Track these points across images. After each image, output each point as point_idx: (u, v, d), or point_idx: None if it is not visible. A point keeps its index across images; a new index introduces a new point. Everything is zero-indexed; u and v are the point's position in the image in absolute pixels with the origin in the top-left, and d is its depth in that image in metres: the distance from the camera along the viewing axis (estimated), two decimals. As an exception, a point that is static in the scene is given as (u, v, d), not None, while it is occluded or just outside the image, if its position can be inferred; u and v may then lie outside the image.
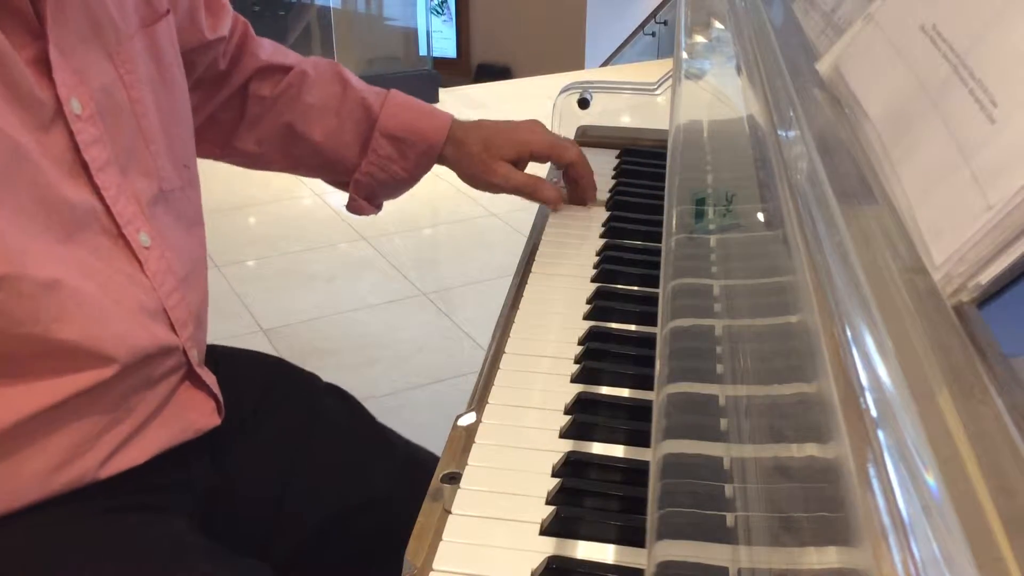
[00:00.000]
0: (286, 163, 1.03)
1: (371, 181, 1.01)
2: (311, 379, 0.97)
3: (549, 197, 1.00)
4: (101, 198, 0.68)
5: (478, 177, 1.00)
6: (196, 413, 0.78)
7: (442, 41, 7.40)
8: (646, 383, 0.65)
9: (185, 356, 0.76)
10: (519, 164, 1.00)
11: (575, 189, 1.03)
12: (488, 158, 0.98)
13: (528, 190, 1.00)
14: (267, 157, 1.01)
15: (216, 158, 1.02)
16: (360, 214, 1.06)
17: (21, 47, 0.63)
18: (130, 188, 0.71)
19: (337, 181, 1.05)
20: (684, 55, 1.01)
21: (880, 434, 0.32)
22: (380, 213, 1.06)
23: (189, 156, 0.83)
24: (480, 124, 1.01)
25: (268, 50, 0.99)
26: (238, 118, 0.98)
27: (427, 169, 1.02)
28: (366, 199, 1.04)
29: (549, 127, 1.25)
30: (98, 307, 0.66)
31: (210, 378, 0.79)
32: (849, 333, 0.37)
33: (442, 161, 1.00)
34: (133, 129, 0.73)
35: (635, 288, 0.86)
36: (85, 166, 0.67)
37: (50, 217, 0.64)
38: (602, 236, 0.97)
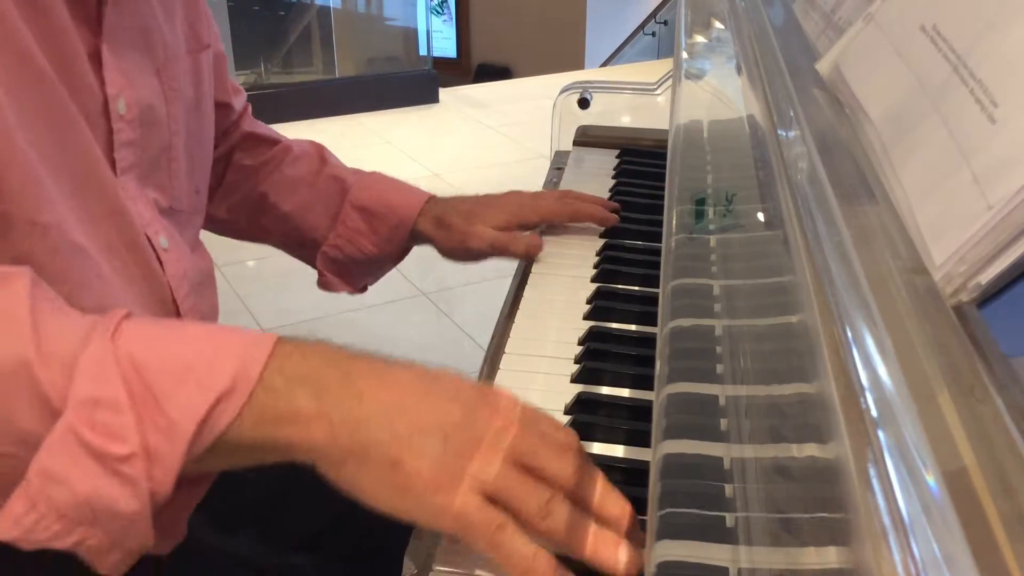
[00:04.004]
0: (252, 232, 1.02)
1: (339, 255, 0.99)
2: None
3: (521, 250, 0.94)
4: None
5: (458, 248, 0.95)
6: None
7: (442, 41, 7.41)
8: (646, 383, 0.65)
9: None
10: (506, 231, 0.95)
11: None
12: (469, 228, 0.94)
13: (500, 245, 0.94)
14: (234, 224, 1.01)
15: None
16: (329, 291, 1.03)
17: (80, 38, 0.64)
18: (145, 196, 0.73)
19: (305, 256, 1.03)
20: (684, 55, 1.01)
21: (880, 434, 0.32)
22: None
23: (202, 182, 0.84)
24: (462, 198, 0.98)
25: (259, 125, 1.01)
26: (216, 185, 0.98)
27: (400, 245, 0.99)
28: (337, 275, 1.02)
29: (549, 127, 1.26)
30: (115, 287, 0.67)
31: None
32: (849, 333, 0.37)
33: (420, 238, 0.98)
34: (163, 144, 0.74)
35: (635, 288, 0.86)
36: (113, 164, 0.68)
37: (88, 194, 0.65)
38: (602, 236, 0.97)
